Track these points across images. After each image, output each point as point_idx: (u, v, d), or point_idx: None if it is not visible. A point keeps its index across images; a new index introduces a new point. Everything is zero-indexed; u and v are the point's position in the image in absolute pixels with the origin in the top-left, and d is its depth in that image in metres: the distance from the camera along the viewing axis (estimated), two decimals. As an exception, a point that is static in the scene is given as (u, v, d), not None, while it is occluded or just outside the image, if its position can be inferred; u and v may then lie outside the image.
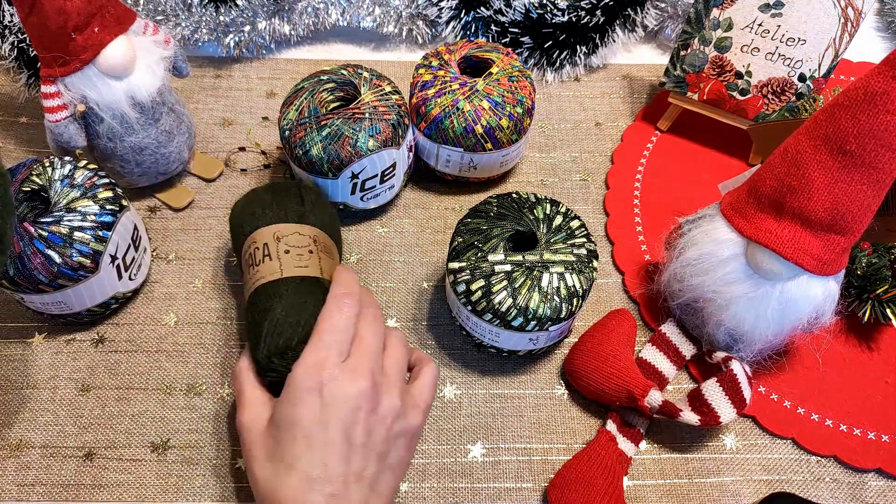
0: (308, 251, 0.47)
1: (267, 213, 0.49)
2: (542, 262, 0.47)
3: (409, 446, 0.42)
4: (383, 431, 0.40)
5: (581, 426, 0.52)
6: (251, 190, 0.53)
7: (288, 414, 0.39)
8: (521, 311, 0.46)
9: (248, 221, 0.50)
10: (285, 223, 0.49)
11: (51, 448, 0.49)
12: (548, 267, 0.47)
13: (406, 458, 0.42)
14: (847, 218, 0.42)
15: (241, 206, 0.51)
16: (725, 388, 0.47)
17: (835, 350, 0.54)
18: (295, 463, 0.38)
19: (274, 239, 0.48)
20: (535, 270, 0.47)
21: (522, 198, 0.52)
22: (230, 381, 0.52)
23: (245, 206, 0.51)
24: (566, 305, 0.47)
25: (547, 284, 0.47)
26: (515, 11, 0.69)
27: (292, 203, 0.50)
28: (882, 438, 0.51)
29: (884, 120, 0.39)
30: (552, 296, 0.47)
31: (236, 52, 0.71)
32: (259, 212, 0.50)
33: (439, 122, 0.56)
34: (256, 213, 0.50)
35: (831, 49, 0.57)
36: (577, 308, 0.48)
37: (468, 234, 0.49)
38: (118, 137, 0.54)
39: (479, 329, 0.50)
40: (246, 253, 0.49)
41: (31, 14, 0.47)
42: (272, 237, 0.48)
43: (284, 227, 0.48)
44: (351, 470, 0.38)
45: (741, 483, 0.49)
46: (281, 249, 0.47)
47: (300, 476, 0.38)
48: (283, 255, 0.47)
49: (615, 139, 0.68)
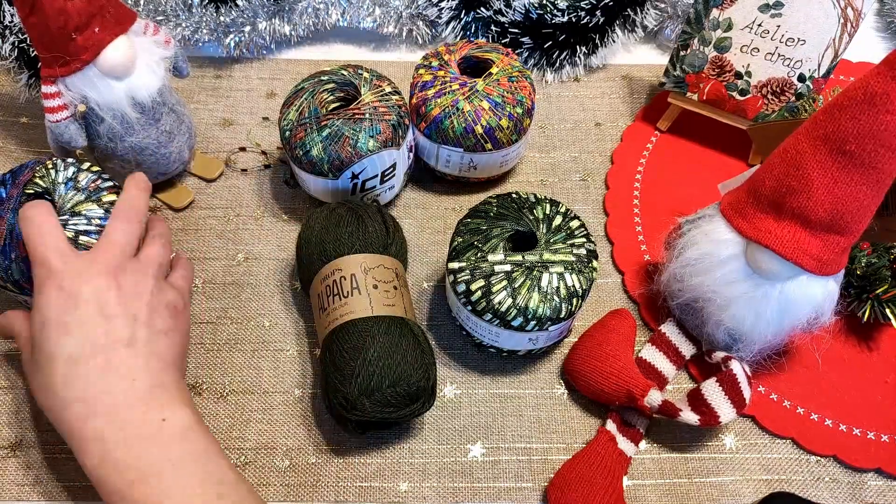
0: (393, 287, 0.48)
1: (354, 240, 0.50)
2: (542, 262, 0.48)
3: (175, 315, 0.45)
4: (139, 304, 0.43)
5: (581, 426, 0.52)
6: (328, 207, 0.53)
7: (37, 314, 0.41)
8: (521, 311, 0.46)
9: (331, 244, 0.50)
10: (371, 253, 0.49)
11: (51, 448, 0.49)
12: (547, 267, 0.47)
13: (175, 325, 0.44)
14: (846, 218, 0.42)
15: (321, 225, 0.51)
16: (725, 387, 0.48)
17: (834, 350, 0.54)
18: (54, 353, 0.40)
19: (362, 271, 0.48)
20: (535, 270, 0.47)
21: (522, 198, 0.52)
22: (230, 381, 0.52)
23: (328, 227, 0.51)
24: (566, 305, 0.47)
25: (547, 284, 0.47)
26: (515, 12, 0.69)
27: (377, 230, 0.51)
28: (882, 438, 0.51)
29: (883, 120, 0.39)
30: (552, 296, 0.47)
31: (237, 52, 0.71)
32: (345, 237, 0.50)
33: (439, 122, 0.56)
34: (342, 237, 0.50)
35: (831, 49, 0.57)
36: (576, 308, 0.48)
37: (468, 235, 0.49)
38: (118, 138, 0.54)
39: (479, 329, 0.50)
40: (328, 278, 0.49)
41: (31, 14, 0.47)
42: (360, 268, 0.48)
43: (371, 258, 0.49)
44: (117, 336, 0.40)
45: (741, 483, 0.49)
46: (369, 283, 0.48)
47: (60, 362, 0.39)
48: (371, 289, 0.47)
49: (615, 139, 0.68)
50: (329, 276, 0.49)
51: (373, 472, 0.49)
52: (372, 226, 0.51)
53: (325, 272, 0.49)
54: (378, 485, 0.49)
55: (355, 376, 0.44)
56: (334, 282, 0.48)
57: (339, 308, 0.47)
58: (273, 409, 0.51)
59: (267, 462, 0.49)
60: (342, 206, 0.52)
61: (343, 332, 0.46)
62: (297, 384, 0.53)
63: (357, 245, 0.49)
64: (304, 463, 0.49)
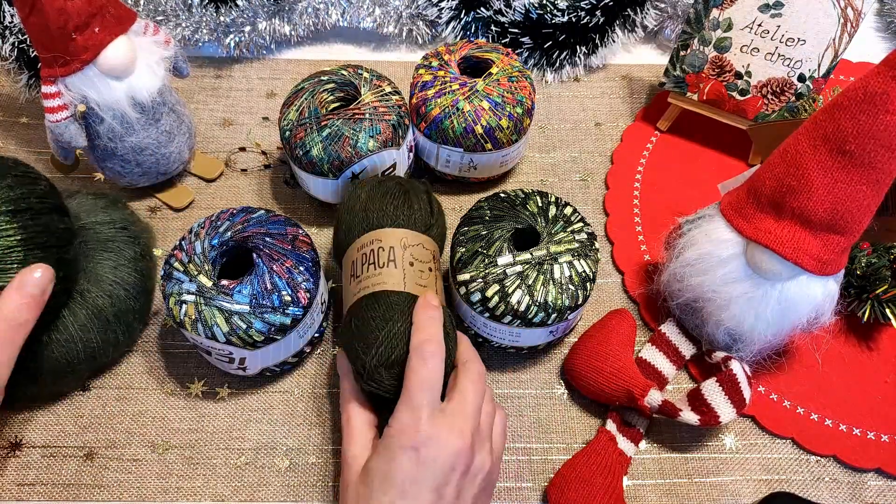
0: (429, 268, 0.47)
1: (399, 213, 0.49)
2: (550, 255, 0.48)
3: (487, 499, 0.42)
4: (472, 489, 0.40)
5: (581, 426, 0.52)
6: (377, 178, 0.52)
7: (383, 469, 0.39)
8: (542, 307, 0.47)
9: (375, 214, 0.49)
10: (413, 230, 0.48)
11: (51, 448, 0.49)
12: (556, 258, 0.48)
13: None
14: (846, 218, 0.42)
15: (367, 195, 0.50)
16: (725, 387, 0.48)
17: (834, 350, 0.54)
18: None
19: (401, 245, 0.47)
20: (545, 264, 0.47)
21: (511, 196, 0.52)
22: (230, 382, 0.52)
23: (374, 197, 0.50)
24: (581, 291, 0.48)
25: (560, 275, 0.47)
26: (515, 12, 0.69)
27: (423, 209, 0.50)
28: (882, 438, 0.51)
29: (883, 120, 0.39)
30: (566, 285, 0.47)
31: (236, 52, 0.71)
32: (390, 209, 0.49)
33: (439, 122, 0.56)
34: (387, 209, 0.49)
35: (831, 49, 0.57)
36: (590, 292, 0.48)
37: (469, 243, 0.49)
38: (118, 137, 0.54)
39: (498, 333, 0.50)
40: (366, 247, 0.48)
41: (31, 14, 0.47)
42: (399, 243, 0.47)
43: (412, 235, 0.48)
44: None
45: (741, 483, 0.49)
46: (406, 259, 0.47)
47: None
48: (407, 266, 0.46)
49: (615, 139, 0.68)
50: (367, 245, 0.48)
51: (373, 472, 0.49)
52: (418, 204, 0.50)
53: (365, 241, 0.48)
54: (378, 485, 0.49)
55: (378, 345, 0.43)
56: (372, 251, 0.47)
57: (373, 277, 0.46)
58: (273, 409, 0.51)
59: (267, 462, 0.49)
60: (391, 179, 0.52)
61: (373, 301, 0.45)
62: (297, 384, 0.53)
63: (401, 219, 0.49)
64: (304, 463, 0.49)
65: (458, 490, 0.39)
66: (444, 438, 0.39)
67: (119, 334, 0.49)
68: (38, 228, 0.43)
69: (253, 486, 0.48)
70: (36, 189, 0.44)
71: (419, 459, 0.39)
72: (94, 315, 0.47)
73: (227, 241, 0.48)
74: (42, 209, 0.44)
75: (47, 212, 0.44)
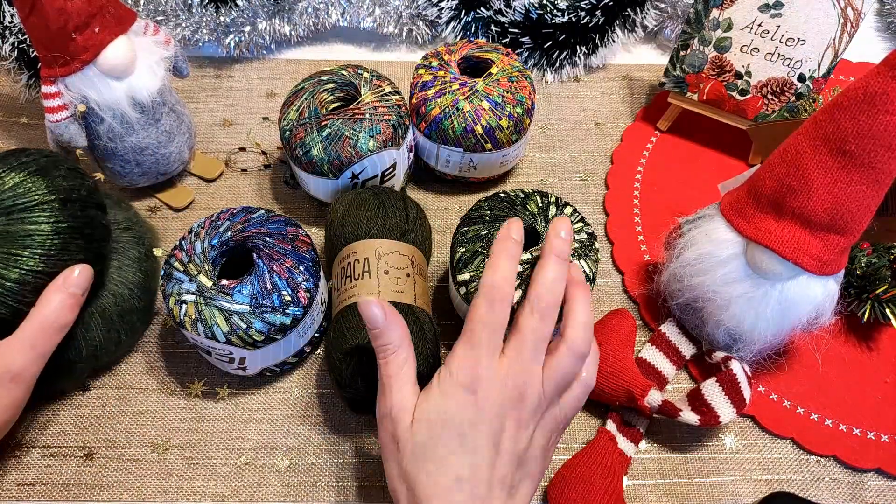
0: (405, 274, 0.49)
1: (372, 224, 0.50)
2: None
3: (546, 456, 0.41)
4: (526, 441, 0.39)
5: (581, 426, 0.52)
6: (355, 191, 0.53)
7: (441, 408, 0.38)
8: None
9: (350, 227, 0.50)
10: (388, 239, 0.50)
11: (51, 448, 0.49)
12: None
13: (543, 467, 0.41)
14: (846, 218, 0.42)
15: (344, 208, 0.52)
16: (725, 387, 0.48)
17: (834, 350, 0.54)
18: (447, 458, 0.38)
19: (375, 255, 0.48)
20: None
21: (511, 196, 0.52)
22: (230, 381, 0.52)
23: (350, 210, 0.51)
24: None
25: None
26: (515, 12, 0.69)
27: (397, 217, 0.51)
28: (881, 438, 0.51)
29: (883, 120, 0.39)
30: None
31: (237, 52, 0.71)
32: (364, 220, 0.50)
33: (439, 122, 0.56)
34: (361, 221, 0.50)
35: (831, 49, 0.57)
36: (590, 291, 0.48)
37: (469, 243, 0.49)
38: (119, 137, 0.54)
39: None
40: (344, 260, 0.49)
41: (31, 14, 0.47)
42: (374, 253, 0.48)
43: (387, 244, 0.49)
44: (496, 476, 0.38)
45: (741, 483, 0.49)
46: (381, 269, 0.48)
47: (450, 474, 0.37)
48: (382, 275, 0.48)
49: (615, 139, 0.68)
50: (345, 259, 0.49)
51: (373, 472, 0.49)
52: (392, 211, 0.51)
53: (343, 254, 0.50)
54: (378, 485, 0.49)
55: (352, 356, 0.45)
56: (349, 264, 0.49)
57: (350, 289, 0.48)
58: (273, 409, 0.51)
59: (267, 462, 0.49)
60: (367, 190, 0.53)
61: (348, 313, 0.47)
62: (297, 384, 0.53)
63: (374, 230, 0.50)
64: (304, 463, 0.49)
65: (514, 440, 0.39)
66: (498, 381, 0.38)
67: (122, 334, 0.49)
68: (84, 220, 0.44)
69: (253, 486, 0.48)
70: (85, 183, 0.45)
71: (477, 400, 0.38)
72: (98, 313, 0.47)
73: (227, 241, 0.48)
74: (89, 203, 0.45)
75: (93, 206, 0.45)
